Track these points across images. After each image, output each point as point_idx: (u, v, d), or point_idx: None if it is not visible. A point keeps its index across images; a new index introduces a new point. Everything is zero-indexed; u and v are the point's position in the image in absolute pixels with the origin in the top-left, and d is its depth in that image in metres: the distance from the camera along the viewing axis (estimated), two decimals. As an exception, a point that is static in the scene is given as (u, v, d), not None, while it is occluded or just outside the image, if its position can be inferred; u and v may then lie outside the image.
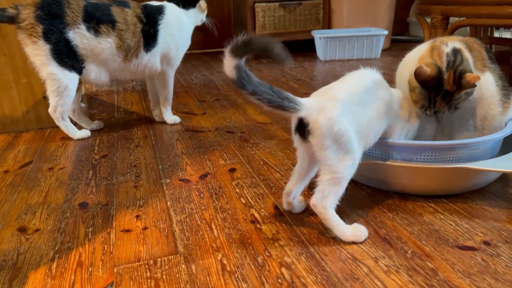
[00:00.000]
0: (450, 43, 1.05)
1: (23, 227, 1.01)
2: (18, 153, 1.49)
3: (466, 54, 1.05)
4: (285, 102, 0.83)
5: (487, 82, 1.09)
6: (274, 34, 3.38)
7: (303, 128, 0.86)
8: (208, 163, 1.34)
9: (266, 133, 1.61)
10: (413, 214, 1.00)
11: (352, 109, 0.88)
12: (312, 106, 0.85)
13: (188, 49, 1.80)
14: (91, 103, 2.20)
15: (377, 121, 0.94)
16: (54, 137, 1.65)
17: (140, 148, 1.50)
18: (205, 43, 3.84)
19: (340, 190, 0.89)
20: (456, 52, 1.03)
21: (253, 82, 0.81)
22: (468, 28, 2.20)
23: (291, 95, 0.85)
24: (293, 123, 0.89)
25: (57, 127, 1.61)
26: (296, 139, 0.90)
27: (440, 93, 1.02)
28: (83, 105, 2.15)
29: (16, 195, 1.18)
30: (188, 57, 3.52)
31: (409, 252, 0.86)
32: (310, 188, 0.96)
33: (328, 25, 3.52)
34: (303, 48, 3.56)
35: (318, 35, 3.10)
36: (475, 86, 1.01)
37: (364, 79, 0.96)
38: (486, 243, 0.88)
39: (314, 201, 0.89)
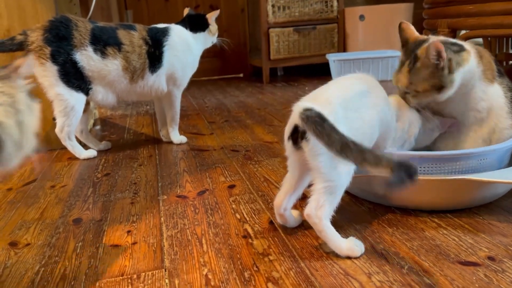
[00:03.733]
0: (459, 41, 1.03)
1: (14, 241, 1.01)
2: (24, 172, 1.51)
3: (472, 60, 1.01)
4: None
5: (495, 93, 1.05)
6: (289, 59, 3.40)
7: (296, 135, 0.83)
8: (208, 180, 1.32)
9: (271, 151, 1.58)
10: (414, 229, 0.94)
11: (345, 114, 0.85)
12: None
13: (205, 75, 1.83)
14: (103, 125, 2.23)
15: (371, 127, 0.90)
16: (61, 157, 1.67)
17: (143, 166, 1.50)
18: (222, 69, 3.89)
19: (335, 199, 0.85)
20: (454, 44, 1.01)
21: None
22: (483, 46, 2.15)
23: None
24: (287, 130, 0.86)
25: (66, 148, 1.63)
26: (288, 146, 0.87)
27: (410, 56, 0.99)
28: (98, 127, 2.18)
29: (14, 211, 1.18)
30: (204, 83, 3.58)
31: (406, 267, 0.80)
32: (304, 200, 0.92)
33: (343, 48, 3.51)
34: (319, 72, 3.56)
35: (332, 58, 3.09)
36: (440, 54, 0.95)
37: (357, 83, 0.93)
38: (490, 258, 0.81)
39: (308, 211, 0.84)
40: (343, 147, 0.74)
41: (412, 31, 0.99)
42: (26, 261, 0.92)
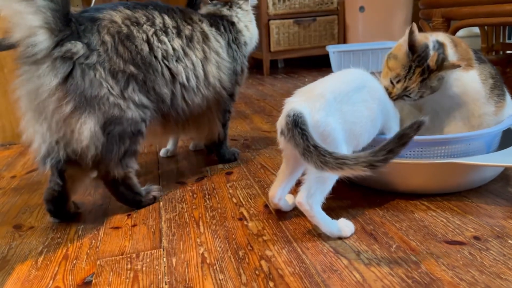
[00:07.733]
0: (434, 36, 1.07)
1: (19, 224, 1.04)
2: (27, 161, 1.55)
3: (449, 50, 1.05)
4: None
5: (470, 79, 1.09)
6: (289, 51, 3.42)
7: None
8: (206, 167, 1.36)
9: (269, 140, 1.61)
10: (404, 211, 0.97)
11: (339, 107, 0.88)
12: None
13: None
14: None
15: (370, 120, 0.93)
16: (64, 146, 1.70)
17: (144, 155, 1.53)
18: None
19: (326, 188, 0.88)
20: (439, 44, 1.04)
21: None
22: (479, 36, 2.17)
23: None
24: (278, 126, 0.88)
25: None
26: (281, 140, 0.89)
27: (422, 65, 1.01)
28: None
29: (19, 197, 1.22)
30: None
31: (394, 246, 0.83)
32: (298, 185, 0.96)
33: (343, 40, 3.53)
34: (319, 64, 3.58)
35: (332, 49, 3.11)
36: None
37: (352, 78, 0.96)
38: (476, 238, 0.84)
39: (300, 199, 0.87)
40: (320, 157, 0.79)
41: (418, 35, 1.03)
42: (30, 242, 0.95)
